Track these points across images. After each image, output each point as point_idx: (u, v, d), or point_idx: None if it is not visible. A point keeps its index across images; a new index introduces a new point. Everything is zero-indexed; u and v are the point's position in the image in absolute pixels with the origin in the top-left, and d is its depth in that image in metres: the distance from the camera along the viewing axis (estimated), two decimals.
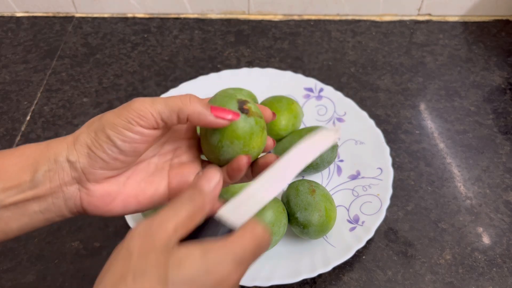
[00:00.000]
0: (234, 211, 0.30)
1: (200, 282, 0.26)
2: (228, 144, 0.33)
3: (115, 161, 0.31)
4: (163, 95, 0.60)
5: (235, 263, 0.27)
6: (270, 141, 0.37)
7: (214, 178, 0.30)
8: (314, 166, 0.52)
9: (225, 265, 0.26)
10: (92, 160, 0.31)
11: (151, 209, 0.35)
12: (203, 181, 0.30)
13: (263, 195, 0.31)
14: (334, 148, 0.53)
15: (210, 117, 0.32)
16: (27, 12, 0.78)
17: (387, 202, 0.50)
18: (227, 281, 0.26)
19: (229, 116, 0.32)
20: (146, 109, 0.31)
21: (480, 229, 0.51)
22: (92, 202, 0.32)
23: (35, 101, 0.65)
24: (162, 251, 0.25)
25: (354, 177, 0.54)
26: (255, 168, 0.35)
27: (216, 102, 0.33)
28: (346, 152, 0.56)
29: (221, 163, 0.35)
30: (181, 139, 0.36)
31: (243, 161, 0.33)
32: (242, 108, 0.32)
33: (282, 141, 0.54)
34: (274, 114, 0.37)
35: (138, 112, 0.31)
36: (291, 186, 0.49)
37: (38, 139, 0.60)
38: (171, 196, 0.35)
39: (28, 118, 0.62)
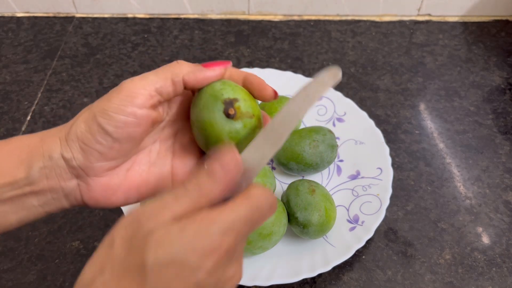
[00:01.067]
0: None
1: (182, 261, 0.23)
2: (213, 147, 0.31)
3: (110, 151, 0.30)
4: None
5: (222, 233, 0.24)
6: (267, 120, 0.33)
7: (230, 162, 0.26)
8: (314, 166, 0.52)
9: (208, 237, 0.23)
10: (87, 154, 0.29)
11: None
12: (216, 165, 0.26)
13: (264, 153, 0.28)
14: (334, 148, 0.53)
15: (207, 72, 0.30)
16: (27, 12, 0.78)
17: (387, 202, 0.50)
18: (215, 255, 0.23)
19: (224, 66, 0.31)
20: (137, 84, 0.29)
21: (480, 229, 0.51)
22: (92, 197, 0.31)
23: (36, 101, 0.65)
24: (143, 235, 0.23)
25: (354, 177, 0.54)
26: None
27: (201, 102, 0.31)
28: (346, 152, 0.57)
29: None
30: (180, 120, 0.34)
31: None
32: (228, 112, 0.30)
33: None
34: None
35: (130, 90, 0.28)
36: (291, 186, 0.49)
37: None
38: (175, 187, 0.33)
39: (28, 118, 0.63)
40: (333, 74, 0.30)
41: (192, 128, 0.33)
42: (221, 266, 0.24)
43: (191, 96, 0.33)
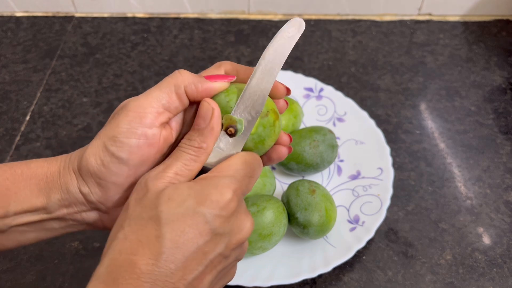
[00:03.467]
0: (221, 154, 0.30)
1: (193, 211, 0.25)
2: None
3: (127, 180, 0.29)
4: None
5: (226, 185, 0.27)
6: (285, 137, 0.33)
7: (208, 112, 0.28)
8: (314, 166, 0.52)
9: (214, 189, 0.26)
10: (104, 188, 0.28)
11: None
12: (199, 120, 0.28)
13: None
14: (334, 148, 0.53)
15: (208, 84, 0.29)
16: (26, 11, 0.77)
17: (387, 202, 0.50)
18: (222, 203, 0.26)
19: (227, 79, 0.31)
20: (143, 103, 0.28)
21: (481, 229, 0.51)
22: None
23: (35, 101, 0.64)
24: (154, 194, 0.26)
25: (354, 177, 0.54)
26: None
27: None
28: (347, 152, 0.56)
29: None
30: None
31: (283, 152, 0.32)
32: (227, 132, 0.30)
33: None
34: (286, 103, 0.33)
35: (136, 111, 0.28)
36: (291, 186, 0.49)
37: (37, 139, 0.60)
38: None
39: (27, 118, 0.62)
40: (297, 26, 0.31)
41: None
42: (234, 213, 0.27)
43: None
